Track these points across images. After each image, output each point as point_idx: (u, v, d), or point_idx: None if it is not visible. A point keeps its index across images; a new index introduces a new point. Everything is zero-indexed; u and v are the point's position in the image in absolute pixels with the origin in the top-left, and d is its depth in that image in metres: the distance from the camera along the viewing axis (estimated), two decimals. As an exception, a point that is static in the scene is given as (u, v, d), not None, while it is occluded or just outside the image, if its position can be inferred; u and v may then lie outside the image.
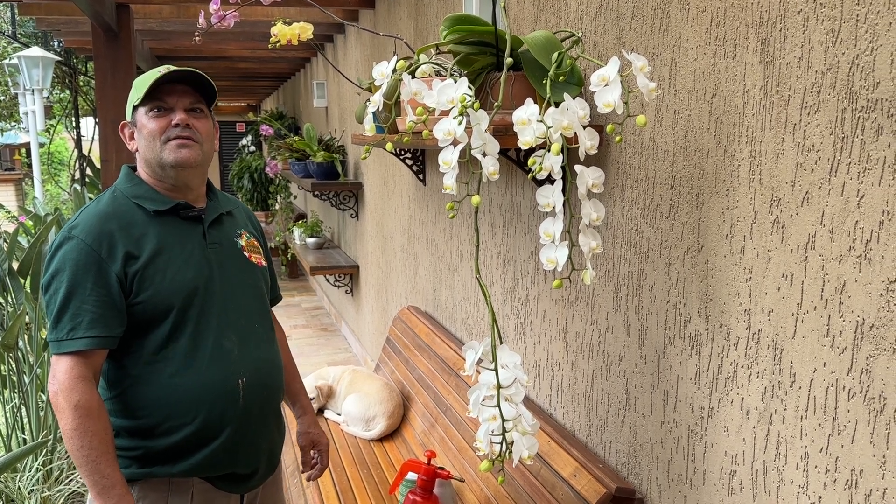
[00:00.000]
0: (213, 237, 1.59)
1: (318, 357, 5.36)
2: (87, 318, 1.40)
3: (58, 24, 4.86)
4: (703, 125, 1.42)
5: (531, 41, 1.58)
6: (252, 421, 1.56)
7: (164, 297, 1.47)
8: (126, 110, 1.57)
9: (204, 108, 1.56)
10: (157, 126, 1.50)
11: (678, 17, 1.48)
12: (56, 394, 1.39)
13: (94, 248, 1.42)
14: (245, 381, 1.54)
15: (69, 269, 1.41)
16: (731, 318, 1.38)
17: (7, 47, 8.95)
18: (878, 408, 1.08)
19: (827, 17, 1.14)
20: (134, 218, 1.50)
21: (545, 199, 1.36)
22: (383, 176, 4.12)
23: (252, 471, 1.61)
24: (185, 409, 1.48)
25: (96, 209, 1.49)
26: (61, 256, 1.43)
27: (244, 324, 1.59)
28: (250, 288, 1.63)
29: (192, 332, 1.50)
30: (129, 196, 1.52)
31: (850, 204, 1.11)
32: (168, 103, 1.50)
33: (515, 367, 1.36)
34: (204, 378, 1.49)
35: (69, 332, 1.40)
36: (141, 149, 1.54)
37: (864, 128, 1.08)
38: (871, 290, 1.09)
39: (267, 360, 1.62)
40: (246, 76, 8.65)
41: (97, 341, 1.41)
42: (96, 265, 1.42)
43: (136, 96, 1.51)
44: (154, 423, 1.48)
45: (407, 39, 3.40)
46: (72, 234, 1.44)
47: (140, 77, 1.56)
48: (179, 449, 1.49)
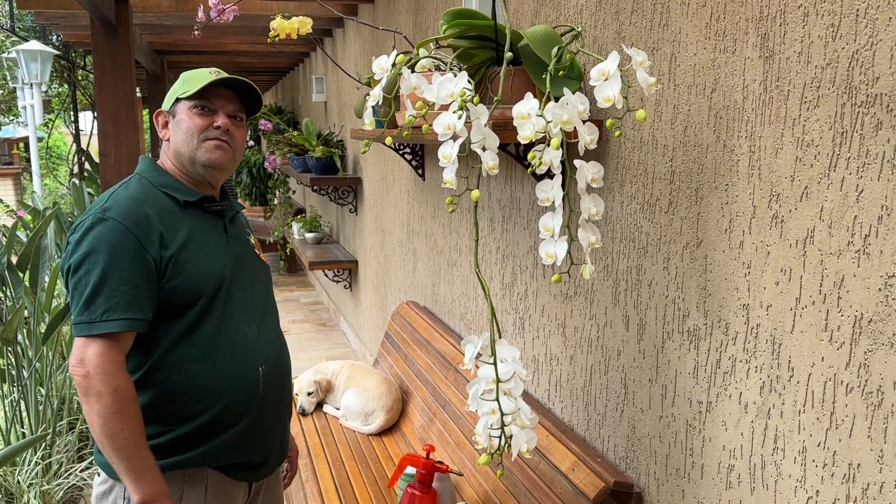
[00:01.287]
0: (232, 232, 1.64)
1: (317, 352, 5.37)
2: (123, 299, 1.39)
3: (56, 17, 4.85)
4: (702, 120, 1.43)
5: (531, 36, 1.58)
6: (269, 408, 1.60)
7: (195, 283, 1.49)
8: (166, 99, 1.59)
9: (243, 118, 1.61)
10: (199, 124, 1.53)
11: (678, 11, 1.48)
12: (88, 376, 1.36)
13: (131, 231, 1.42)
14: (264, 368, 1.58)
15: (105, 250, 1.40)
16: (729, 313, 1.38)
17: (5, 41, 8.93)
18: (875, 402, 1.09)
19: (827, 11, 1.14)
20: (165, 205, 1.51)
21: (545, 194, 1.36)
22: (382, 171, 4.11)
23: (264, 459, 1.64)
24: (208, 395, 1.50)
25: (127, 193, 1.49)
26: (95, 237, 1.41)
27: (260, 314, 1.64)
28: (261, 283, 1.69)
29: (218, 319, 1.52)
30: (157, 185, 1.54)
31: (849, 199, 1.12)
32: (214, 105, 1.54)
33: (514, 362, 1.37)
34: (228, 365, 1.52)
35: (104, 312, 1.38)
36: (175, 140, 1.55)
37: (864, 123, 1.09)
38: (870, 285, 1.09)
39: (281, 348, 1.67)
40: (245, 70, 8.63)
41: (133, 323, 1.41)
42: (133, 247, 1.42)
43: (184, 90, 1.53)
44: (176, 408, 1.49)
45: (406, 34, 3.39)
46: (106, 215, 1.43)
47: (190, 72, 1.58)
48: (197, 435, 1.51)
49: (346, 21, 4.97)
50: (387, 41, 3.79)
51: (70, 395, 3.55)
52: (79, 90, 8.41)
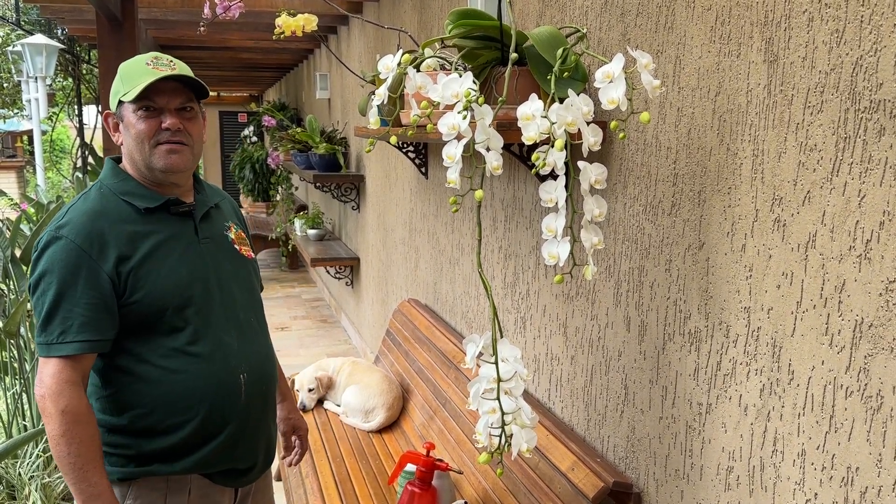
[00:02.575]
0: (205, 231, 1.55)
1: (318, 348, 5.38)
2: (77, 321, 1.35)
3: (62, 11, 4.86)
4: (706, 123, 1.43)
5: (536, 37, 1.59)
6: (252, 415, 1.56)
7: (159, 296, 1.43)
8: (110, 99, 1.48)
9: (195, 106, 1.50)
10: (146, 128, 1.43)
11: (683, 14, 1.48)
12: (43, 397, 1.35)
13: (83, 249, 1.37)
14: (246, 375, 1.53)
15: (58, 271, 1.36)
16: (730, 316, 1.39)
17: (10, 34, 8.93)
18: (875, 406, 1.09)
19: (832, 17, 1.14)
20: (124, 215, 1.44)
21: (548, 195, 1.37)
22: (385, 169, 4.12)
23: (251, 465, 1.60)
24: (187, 406, 1.46)
25: (84, 207, 1.42)
26: (49, 257, 1.37)
27: (241, 318, 1.57)
28: (243, 281, 1.61)
29: (193, 328, 1.47)
30: (118, 192, 1.46)
31: (851, 204, 1.12)
32: (158, 103, 1.43)
33: (516, 361, 1.37)
34: (207, 374, 1.47)
35: (59, 335, 1.35)
36: (128, 146, 1.47)
37: (867, 128, 1.09)
38: (871, 290, 1.09)
39: (263, 353, 1.61)
40: (249, 66, 8.64)
41: (88, 345, 1.37)
42: (87, 267, 1.37)
43: (124, 90, 1.43)
44: (154, 422, 1.45)
45: (411, 32, 3.40)
46: (60, 233, 1.38)
47: (127, 66, 1.46)
48: (181, 447, 1.47)
49: (351, 19, 4.97)
50: (391, 39, 3.79)
51: (72, 389, 3.56)
52: (83, 84, 8.42)
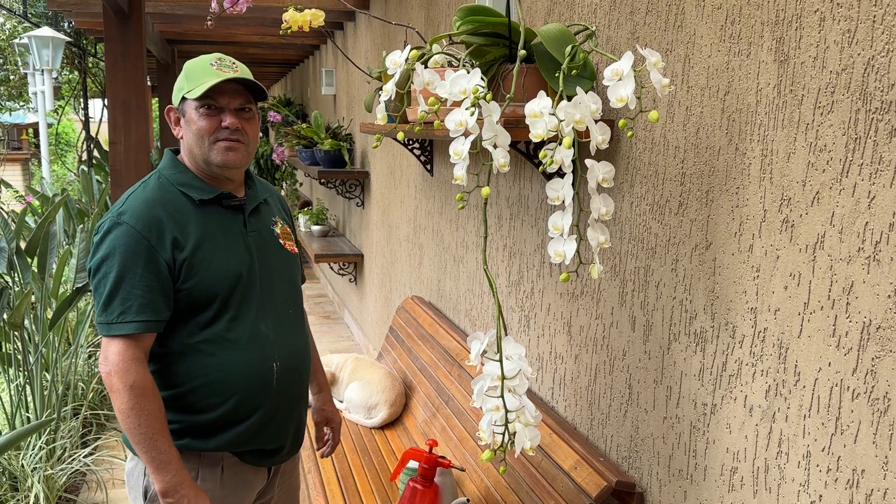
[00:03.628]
0: (253, 226, 1.64)
1: (321, 344, 5.38)
2: (136, 302, 1.44)
3: (68, 4, 4.86)
4: (715, 122, 1.42)
5: (544, 34, 1.58)
6: (282, 402, 1.63)
7: (209, 284, 1.51)
8: (173, 95, 1.58)
9: (252, 107, 1.59)
10: (207, 125, 1.52)
11: (693, 13, 1.47)
12: (110, 374, 1.43)
13: (143, 235, 1.46)
14: (279, 364, 1.61)
15: (119, 255, 1.45)
16: (737, 316, 1.38)
17: (17, 27, 8.95)
18: (881, 409, 1.09)
19: (843, 17, 1.14)
20: (180, 205, 1.53)
21: (555, 193, 1.36)
22: (390, 165, 4.12)
23: (278, 447, 1.67)
24: (221, 388, 1.54)
25: (143, 195, 1.52)
26: (111, 241, 1.46)
27: (280, 310, 1.65)
28: (286, 275, 1.69)
29: (233, 316, 1.55)
30: (175, 183, 1.56)
31: (860, 205, 1.12)
32: (219, 102, 1.52)
33: (520, 359, 1.37)
34: (241, 360, 1.55)
35: (119, 315, 1.44)
36: (188, 141, 1.56)
37: (878, 129, 1.08)
38: (879, 292, 1.09)
39: (299, 344, 1.69)
40: (255, 62, 8.64)
41: (147, 325, 1.45)
42: (146, 251, 1.45)
43: (188, 88, 1.52)
44: (192, 401, 1.54)
45: (419, 28, 3.39)
46: (121, 219, 1.47)
47: (191, 64, 1.55)
48: (213, 425, 1.55)
49: (358, 14, 4.97)
50: (398, 36, 3.79)
51: (75, 381, 3.57)
52: (89, 77, 8.43)
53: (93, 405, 3.71)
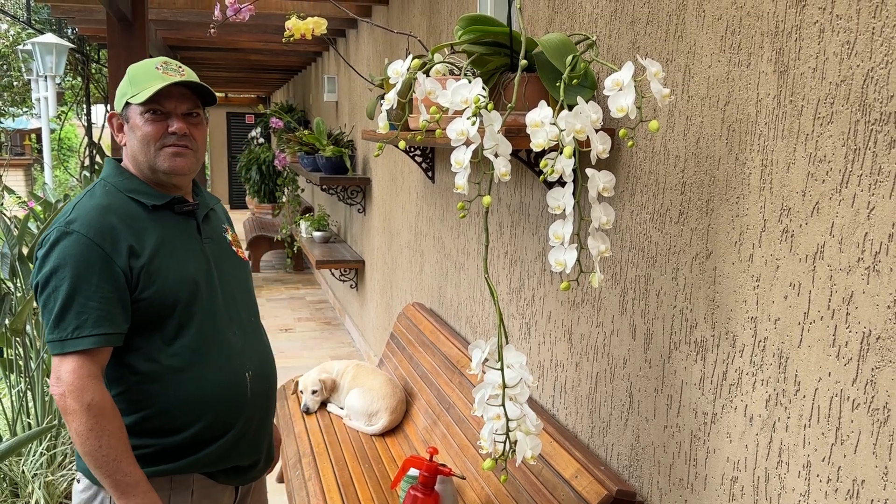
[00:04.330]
0: (206, 232, 1.58)
1: (322, 350, 5.38)
2: (93, 315, 1.35)
3: (72, 11, 4.88)
4: (715, 132, 1.43)
5: (545, 43, 1.59)
6: (256, 413, 1.58)
7: (169, 292, 1.44)
8: (116, 100, 1.51)
9: (200, 112, 1.53)
10: (153, 131, 1.46)
11: (693, 24, 1.48)
12: (64, 395, 1.34)
13: (97, 243, 1.37)
14: (251, 373, 1.55)
15: (71, 266, 1.36)
16: (737, 325, 1.39)
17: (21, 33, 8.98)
18: (881, 419, 1.09)
19: (843, 28, 1.14)
20: (132, 212, 1.45)
21: (556, 202, 1.37)
22: (392, 172, 4.13)
23: (254, 462, 1.62)
24: (196, 404, 1.47)
25: (92, 202, 1.43)
26: (60, 252, 1.37)
27: (244, 317, 1.60)
28: (241, 282, 1.64)
29: (199, 327, 1.48)
30: (123, 190, 1.48)
31: (860, 215, 1.12)
32: (166, 107, 1.46)
33: (521, 368, 1.37)
34: (215, 372, 1.49)
35: (74, 330, 1.35)
36: (132, 147, 1.49)
37: (877, 140, 1.09)
38: (879, 302, 1.09)
39: (265, 351, 1.65)
40: (257, 68, 8.67)
41: (105, 338, 1.37)
42: (100, 260, 1.37)
43: (133, 92, 1.45)
44: (165, 421, 1.46)
45: (420, 37, 3.40)
46: (70, 228, 1.38)
47: (135, 69, 1.48)
48: (189, 445, 1.48)
49: (360, 22, 4.99)
50: (400, 43, 3.80)
51: (76, 387, 3.56)
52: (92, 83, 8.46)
53: (94, 411, 3.70)
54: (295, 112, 8.39)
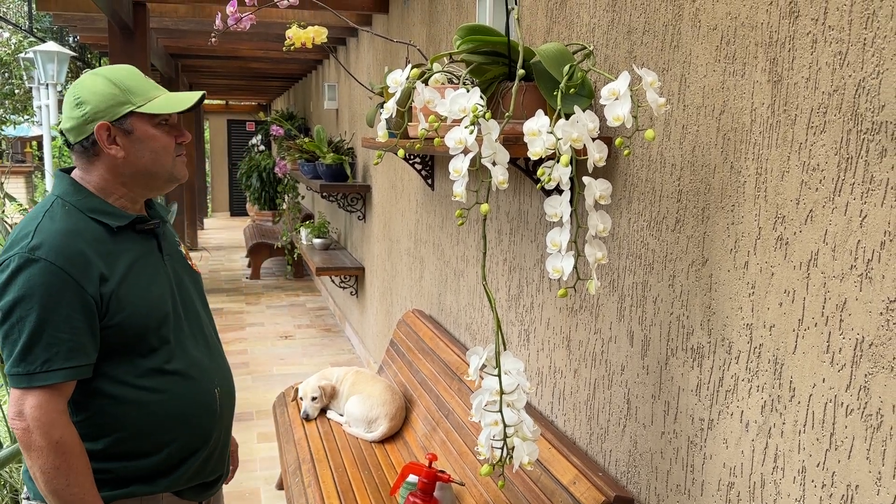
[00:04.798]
0: (167, 249, 1.55)
1: (322, 357, 5.39)
2: (63, 347, 1.29)
3: (74, 20, 4.91)
4: (710, 141, 1.45)
5: (543, 53, 1.61)
6: (225, 429, 1.59)
7: (140, 316, 1.40)
8: (103, 108, 1.39)
9: None
10: (171, 141, 1.46)
11: (689, 34, 1.50)
12: (28, 430, 1.28)
13: (65, 271, 1.30)
14: (219, 389, 1.56)
15: (39, 295, 1.28)
16: (733, 332, 1.40)
17: (23, 41, 9.02)
18: (875, 424, 1.10)
19: (835, 39, 1.16)
20: (97, 234, 1.39)
21: (553, 210, 1.38)
22: (392, 179, 4.14)
23: (217, 477, 1.62)
24: (170, 425, 1.45)
25: (55, 226, 1.35)
26: (25, 281, 1.29)
27: (207, 332, 1.59)
28: (199, 296, 1.63)
29: (168, 347, 1.46)
30: (84, 210, 1.40)
31: (852, 223, 1.13)
32: (173, 118, 1.47)
33: (518, 374, 1.39)
34: (186, 392, 1.48)
35: (43, 363, 1.28)
36: (138, 158, 1.43)
37: (869, 149, 1.11)
38: (872, 309, 1.10)
39: (227, 365, 1.65)
40: (258, 76, 8.70)
41: (76, 371, 1.32)
42: (70, 289, 1.30)
43: (139, 103, 1.41)
44: (137, 445, 1.43)
45: (420, 45, 3.43)
46: (35, 255, 1.30)
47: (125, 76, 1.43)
48: (159, 467, 1.46)
49: (360, 30, 5.01)
50: (400, 52, 3.83)
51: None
52: (93, 91, 8.48)
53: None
54: (295, 119, 8.42)
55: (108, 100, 1.40)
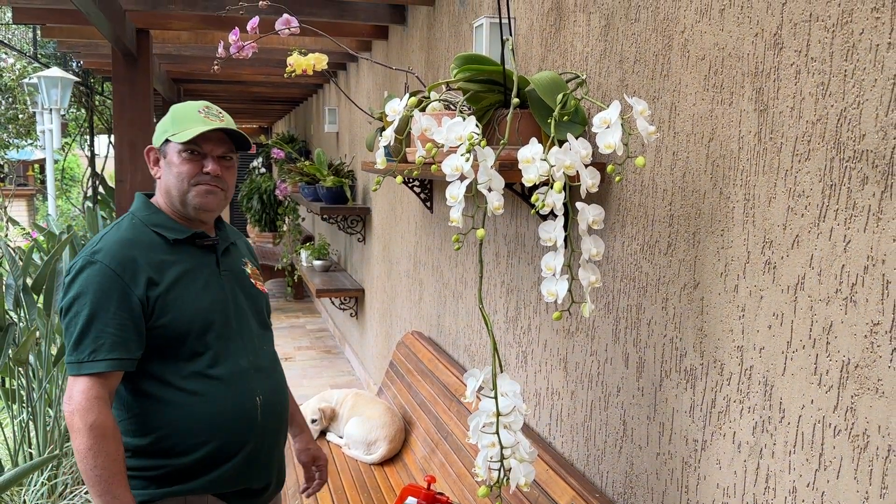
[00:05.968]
0: (225, 265, 1.68)
1: (322, 379, 5.39)
2: (108, 340, 1.45)
3: (78, 46, 4.99)
4: (700, 167, 1.48)
5: (537, 82, 1.65)
6: (267, 436, 1.65)
7: (184, 320, 1.53)
8: (155, 136, 1.62)
9: (234, 157, 1.65)
10: (189, 169, 1.57)
11: (678, 63, 1.54)
12: (72, 413, 1.42)
13: (117, 273, 1.48)
14: (261, 398, 1.63)
15: (92, 293, 1.46)
16: (724, 354, 1.43)
17: (27, 67, 9.12)
18: (861, 445, 1.13)
19: (817, 70, 1.20)
20: (154, 244, 1.56)
21: (547, 234, 1.42)
22: (391, 202, 4.19)
23: (265, 485, 1.69)
24: (207, 426, 1.55)
25: (116, 235, 1.55)
26: (84, 280, 1.48)
27: (257, 345, 1.68)
28: (257, 313, 1.73)
29: (213, 353, 1.57)
30: (148, 224, 1.59)
31: (837, 248, 1.17)
32: (203, 149, 1.58)
33: (515, 396, 1.41)
34: (225, 396, 1.57)
35: (91, 353, 1.44)
36: (166, 181, 1.61)
37: (851, 177, 1.14)
38: (857, 332, 1.13)
39: (276, 378, 1.72)
40: (259, 99, 8.79)
41: (118, 363, 1.46)
42: (119, 289, 1.47)
43: (174, 131, 1.56)
44: (176, 442, 1.53)
45: (419, 71, 3.48)
46: (94, 258, 1.49)
47: (179, 109, 1.60)
48: (200, 465, 1.55)
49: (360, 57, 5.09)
50: (399, 76, 3.89)
51: (77, 417, 3.59)
52: (95, 115, 8.57)
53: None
54: (296, 143, 8.49)
55: (160, 128, 1.61)
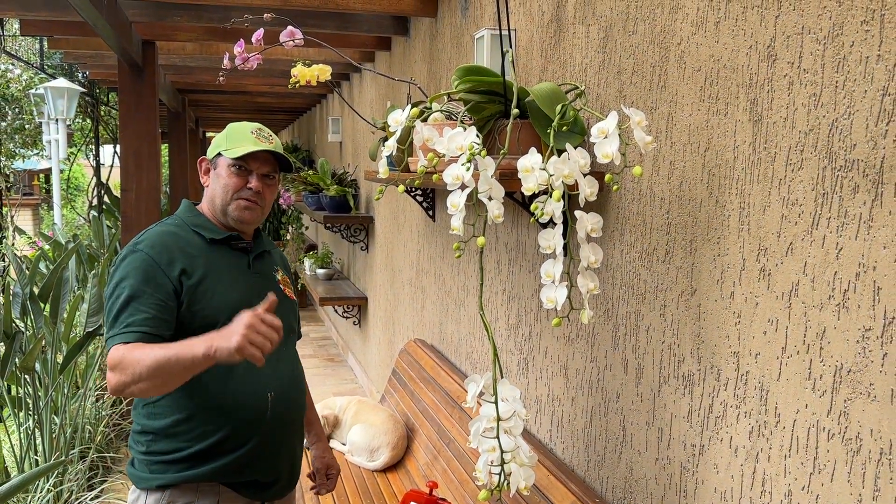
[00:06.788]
0: (256, 268, 1.80)
1: (325, 387, 5.42)
2: (142, 316, 1.56)
3: (84, 57, 5.04)
4: (696, 176, 1.51)
5: (537, 92, 1.68)
6: (276, 432, 1.72)
7: (212, 312, 1.63)
8: (210, 148, 1.78)
9: (276, 176, 1.78)
10: (234, 183, 1.71)
11: (675, 74, 1.57)
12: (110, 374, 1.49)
13: (155, 259, 1.61)
14: (273, 394, 1.70)
15: (132, 277, 1.59)
16: (721, 360, 1.45)
17: (34, 78, 9.20)
18: (854, 448, 1.15)
19: (810, 82, 1.23)
20: (192, 241, 1.70)
21: (546, 242, 1.45)
22: (394, 211, 4.22)
23: (273, 479, 1.75)
24: (219, 416, 1.64)
25: (160, 229, 1.71)
26: (126, 265, 1.62)
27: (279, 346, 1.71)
28: (283, 316, 1.76)
29: None
30: (190, 224, 1.74)
31: (829, 256, 1.19)
32: (250, 166, 1.72)
33: (515, 401, 1.43)
34: (238, 389, 1.66)
35: (125, 326, 1.55)
36: (213, 190, 1.75)
37: (843, 185, 1.17)
38: (849, 337, 1.16)
39: (293, 378, 1.80)
40: (263, 110, 8.85)
41: (146, 336, 1.54)
42: (156, 274, 1.60)
43: (227, 147, 1.71)
44: (191, 427, 1.64)
45: (421, 81, 3.52)
46: (137, 248, 1.64)
47: (235, 128, 1.75)
48: (210, 452, 1.64)
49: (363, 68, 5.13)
50: (402, 86, 3.93)
51: (82, 424, 3.62)
52: (101, 125, 8.64)
53: (100, 448, 3.75)
54: (300, 152, 8.55)
55: (215, 142, 1.77)
